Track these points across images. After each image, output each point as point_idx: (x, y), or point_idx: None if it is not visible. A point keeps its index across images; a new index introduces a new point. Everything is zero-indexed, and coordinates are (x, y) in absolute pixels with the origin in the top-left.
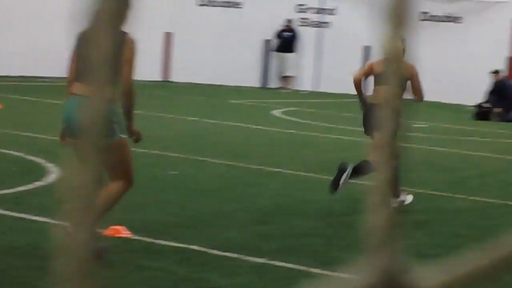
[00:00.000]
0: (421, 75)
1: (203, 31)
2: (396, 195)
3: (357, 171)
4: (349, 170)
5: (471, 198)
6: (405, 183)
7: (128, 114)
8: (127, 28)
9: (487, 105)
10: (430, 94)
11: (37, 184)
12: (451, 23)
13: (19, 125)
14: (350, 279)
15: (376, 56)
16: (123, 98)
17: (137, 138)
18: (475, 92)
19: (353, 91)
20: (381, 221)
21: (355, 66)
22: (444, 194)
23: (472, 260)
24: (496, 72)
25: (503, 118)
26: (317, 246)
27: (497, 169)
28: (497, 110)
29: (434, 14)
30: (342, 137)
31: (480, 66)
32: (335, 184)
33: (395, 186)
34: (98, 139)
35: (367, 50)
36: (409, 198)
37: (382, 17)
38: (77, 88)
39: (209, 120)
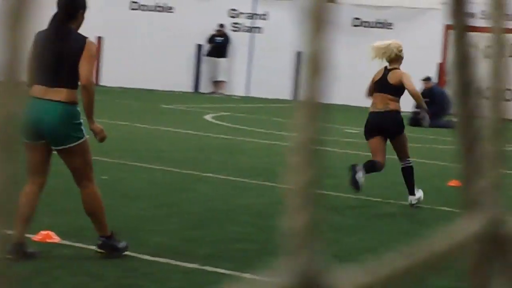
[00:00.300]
0: (354, 80)
1: (135, 36)
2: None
3: (368, 169)
4: (361, 167)
5: (401, 203)
6: (337, 188)
7: (88, 110)
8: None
9: (417, 110)
10: (362, 100)
11: None
12: (383, 29)
13: None
14: (268, 282)
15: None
16: (83, 93)
17: (101, 136)
18: (408, 98)
19: (284, 96)
20: (300, 223)
21: (286, 71)
22: (376, 199)
23: (392, 262)
24: (427, 79)
25: (434, 124)
26: (249, 251)
27: (427, 174)
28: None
29: (365, 20)
30: (273, 142)
31: (412, 72)
32: (355, 184)
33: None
34: (15, 140)
35: (299, 55)
36: (420, 193)
37: (303, 20)
38: (38, 91)
39: (141, 125)
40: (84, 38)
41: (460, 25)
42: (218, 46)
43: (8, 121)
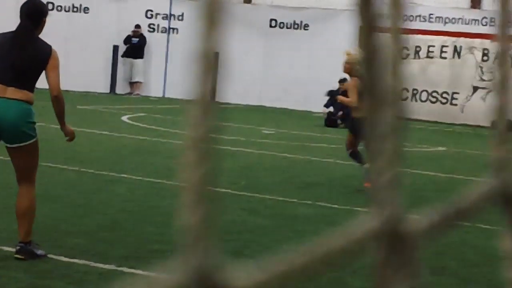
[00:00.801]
0: (268, 82)
1: (49, 36)
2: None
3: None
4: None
5: (317, 203)
6: (253, 188)
7: (60, 117)
8: None
9: (331, 110)
10: (278, 101)
11: None
12: (299, 31)
13: None
14: (161, 279)
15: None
16: (55, 103)
17: (71, 137)
18: (323, 99)
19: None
20: (195, 219)
21: None
22: (291, 200)
23: (289, 258)
24: (343, 80)
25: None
26: (165, 251)
27: (343, 175)
28: (339, 114)
29: (281, 21)
30: None
31: (327, 73)
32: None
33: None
34: None
35: (216, 56)
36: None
37: (197, 16)
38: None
39: (57, 126)
40: (49, 47)
41: (368, 25)
42: (135, 47)
43: None
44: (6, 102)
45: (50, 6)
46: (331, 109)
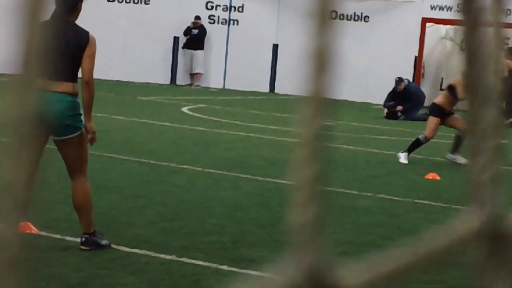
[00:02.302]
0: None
1: (111, 28)
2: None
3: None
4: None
5: (378, 195)
6: None
7: (88, 106)
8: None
9: (392, 104)
10: (337, 92)
11: None
12: (359, 23)
13: None
14: (273, 279)
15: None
16: (85, 90)
17: (92, 137)
18: (383, 91)
19: (260, 89)
20: (306, 218)
21: (263, 64)
22: (352, 192)
23: (395, 257)
24: (399, 80)
25: (409, 117)
26: (225, 243)
27: (403, 167)
28: (398, 108)
29: (342, 12)
30: (249, 134)
31: (388, 65)
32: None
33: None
34: (29, 134)
35: (275, 48)
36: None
37: (308, 15)
38: (44, 82)
39: (118, 117)
40: (87, 33)
41: (471, 21)
42: (195, 38)
43: (22, 120)
44: (50, 95)
45: None
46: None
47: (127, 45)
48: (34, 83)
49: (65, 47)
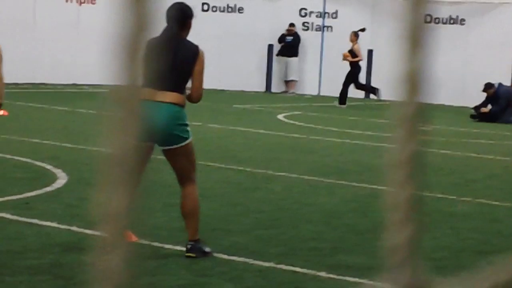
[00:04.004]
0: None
1: (206, 36)
2: None
3: None
4: None
5: (476, 200)
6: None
7: None
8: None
9: (478, 105)
10: (434, 96)
11: (46, 189)
12: (455, 26)
13: (26, 131)
14: None
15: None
16: (192, 101)
17: None
18: (479, 95)
19: (355, 95)
20: (403, 238)
21: None
22: (450, 197)
23: (492, 274)
24: (488, 86)
25: (505, 120)
26: (323, 249)
27: (503, 171)
28: (483, 110)
29: (437, 16)
30: (345, 140)
31: (483, 68)
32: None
33: None
34: (133, 165)
35: (369, 53)
36: None
37: (400, 39)
38: (147, 93)
39: (214, 125)
40: (196, 47)
41: None
42: (289, 45)
43: (126, 153)
44: (157, 105)
45: (205, 7)
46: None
47: (222, 53)
48: (138, 120)
49: (175, 60)
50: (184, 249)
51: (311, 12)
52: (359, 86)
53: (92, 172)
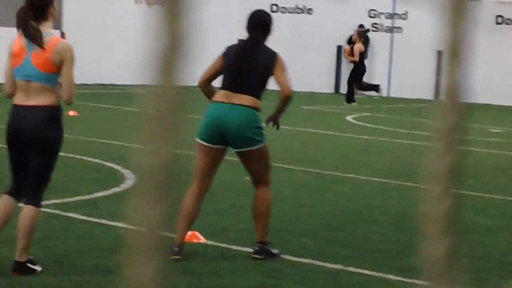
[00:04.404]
0: (494, 79)
1: (275, 38)
2: None
3: None
4: None
5: None
6: (481, 188)
7: (281, 110)
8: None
9: None
10: (505, 98)
11: (114, 190)
12: None
13: (96, 132)
14: None
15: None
16: (284, 103)
17: (278, 125)
18: None
19: (425, 96)
20: (441, 250)
21: (427, 71)
22: None
23: None
24: None
25: None
26: (391, 252)
27: None
28: None
29: (508, 17)
30: (414, 142)
31: None
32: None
33: None
34: (171, 181)
35: (440, 54)
36: None
37: (442, 10)
38: (223, 96)
39: (283, 126)
40: (274, 53)
41: None
42: None
43: (166, 163)
44: (232, 107)
45: (274, 8)
46: None
47: (291, 54)
48: (180, 129)
49: (253, 65)
50: (252, 250)
51: (380, 13)
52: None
53: None
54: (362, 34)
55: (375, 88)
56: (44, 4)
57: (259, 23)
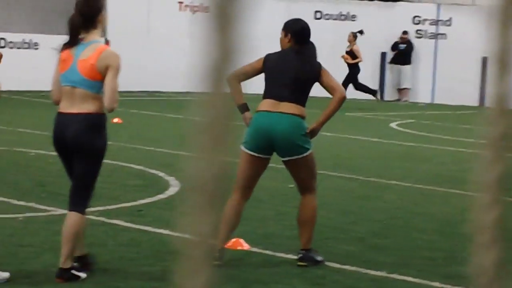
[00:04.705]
0: None
1: (318, 44)
2: None
3: None
4: None
5: None
6: None
7: (327, 117)
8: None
9: None
10: None
11: (159, 197)
12: None
13: (140, 139)
14: None
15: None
16: (336, 104)
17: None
18: None
19: (470, 103)
20: (490, 260)
21: (472, 78)
22: None
23: None
24: None
25: None
26: (436, 259)
27: None
28: None
29: None
30: (459, 149)
31: None
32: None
33: None
34: (221, 193)
35: (484, 61)
36: None
37: (489, 19)
38: (269, 105)
39: (326, 133)
40: (319, 65)
41: None
42: (402, 53)
43: (219, 172)
44: (279, 116)
45: (318, 15)
46: None
47: (334, 61)
48: (231, 139)
49: (298, 74)
50: (296, 257)
51: (424, 20)
52: (358, 87)
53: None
54: (356, 36)
55: (373, 92)
56: (94, 13)
57: (300, 33)
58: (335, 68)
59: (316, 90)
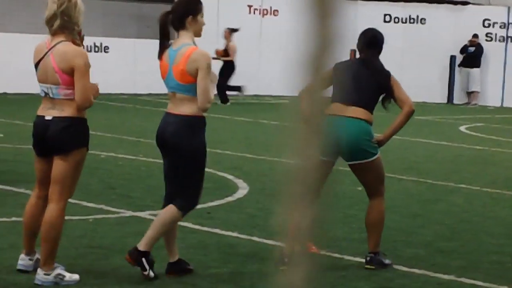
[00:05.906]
0: None
1: (388, 48)
2: None
3: None
4: None
5: None
6: None
7: (395, 130)
8: None
9: None
10: None
11: (227, 199)
12: None
13: (209, 142)
14: None
15: None
16: (405, 118)
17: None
18: None
19: None
20: None
21: None
22: None
23: None
24: None
25: None
26: (505, 263)
27: None
28: None
29: None
30: None
31: None
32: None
33: None
34: (314, 182)
35: None
36: None
37: None
38: (336, 109)
39: (395, 136)
40: (388, 74)
41: None
42: (471, 56)
43: (310, 167)
44: (346, 120)
45: (387, 18)
46: None
47: (403, 65)
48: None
49: (368, 80)
50: (364, 260)
51: (494, 23)
52: (224, 88)
53: (273, 183)
54: (231, 32)
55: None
56: (182, 13)
57: (371, 43)
58: (402, 72)
59: None
